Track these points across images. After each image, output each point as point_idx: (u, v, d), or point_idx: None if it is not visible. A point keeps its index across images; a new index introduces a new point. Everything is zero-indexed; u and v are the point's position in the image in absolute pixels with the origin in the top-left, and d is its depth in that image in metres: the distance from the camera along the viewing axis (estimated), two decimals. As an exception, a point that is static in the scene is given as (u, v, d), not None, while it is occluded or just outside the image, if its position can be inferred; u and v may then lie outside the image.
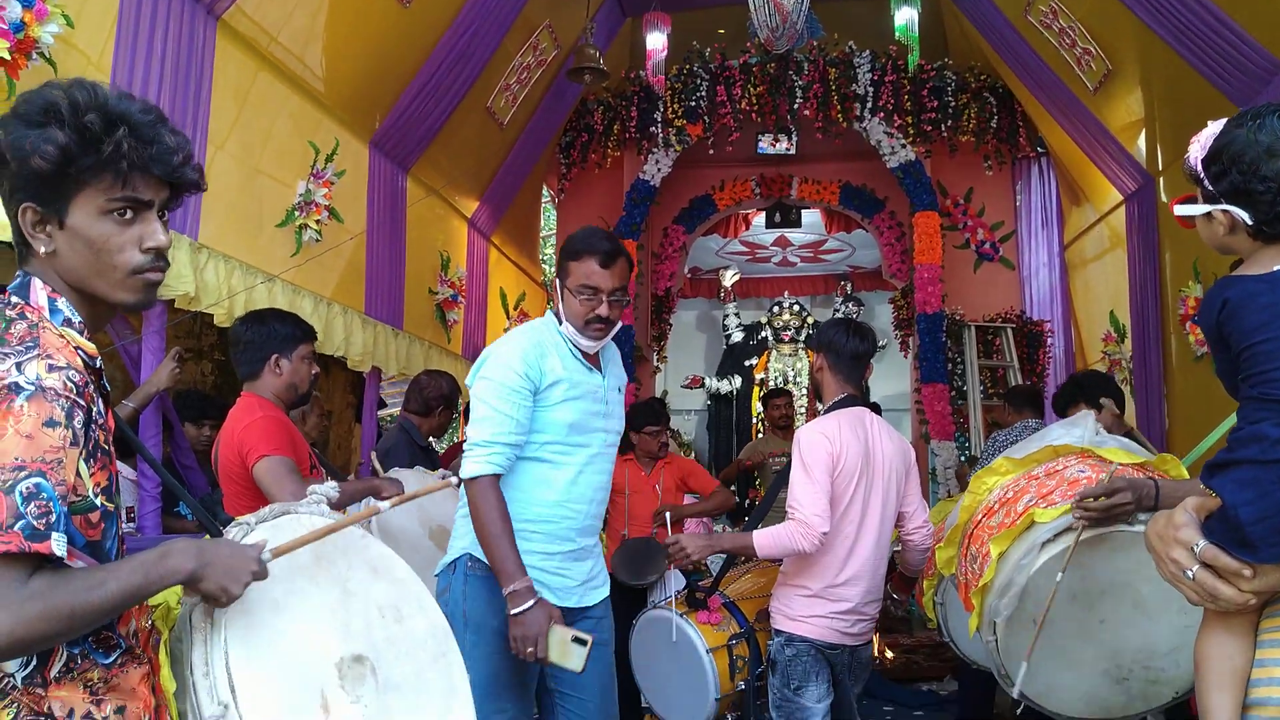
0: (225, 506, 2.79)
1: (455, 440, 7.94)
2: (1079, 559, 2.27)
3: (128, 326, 4.03)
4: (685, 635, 3.08)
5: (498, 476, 2.41)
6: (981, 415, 7.52)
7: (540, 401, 2.47)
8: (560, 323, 2.57)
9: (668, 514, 3.66)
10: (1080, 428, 2.59)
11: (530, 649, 2.27)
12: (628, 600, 4.66)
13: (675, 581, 3.90)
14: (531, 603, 2.29)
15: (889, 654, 6.09)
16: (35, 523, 1.18)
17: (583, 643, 2.28)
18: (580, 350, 2.56)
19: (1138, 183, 5.86)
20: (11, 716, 1.26)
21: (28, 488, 1.19)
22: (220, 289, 4.04)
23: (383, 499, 2.92)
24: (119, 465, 1.47)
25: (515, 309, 8.28)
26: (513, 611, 2.29)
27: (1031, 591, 2.31)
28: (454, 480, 2.18)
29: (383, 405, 7.15)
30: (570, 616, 2.48)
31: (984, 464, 3.37)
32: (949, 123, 7.55)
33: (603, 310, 2.49)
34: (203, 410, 4.39)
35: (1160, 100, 5.36)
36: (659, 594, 4.50)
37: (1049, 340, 7.79)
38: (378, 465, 3.68)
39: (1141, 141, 5.72)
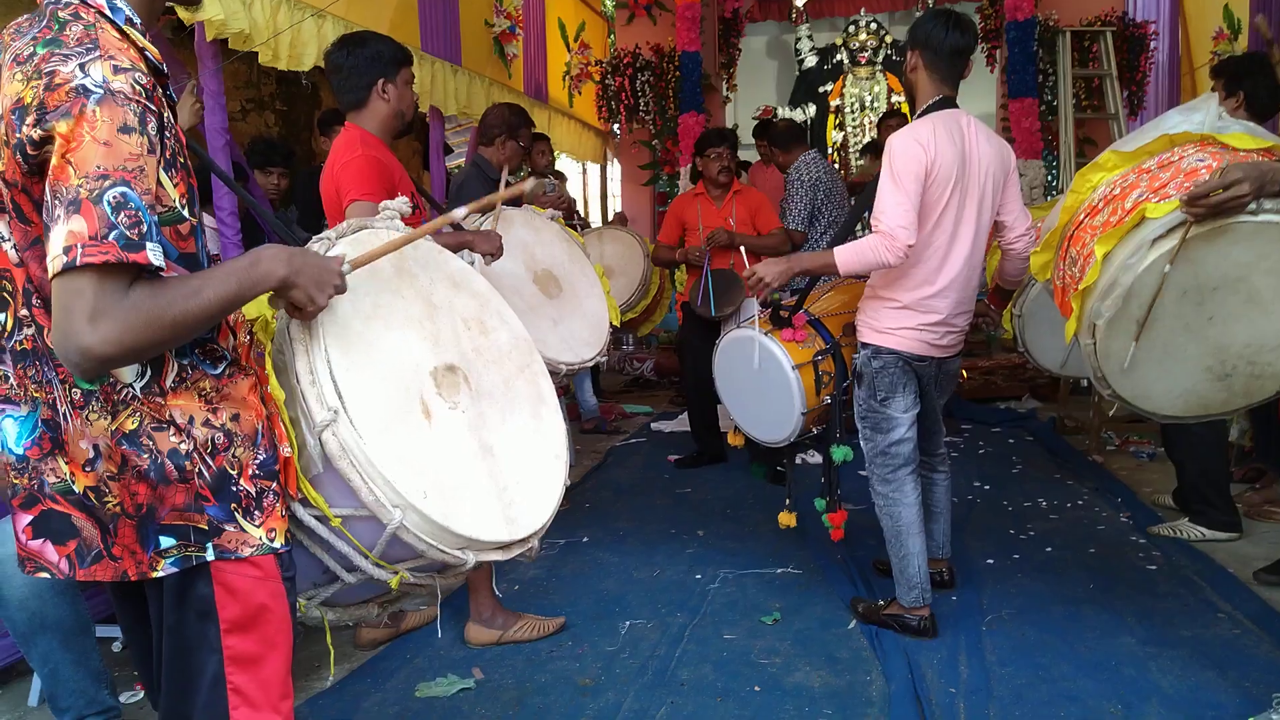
0: None
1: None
2: (1192, 252, 2.14)
3: (183, 71, 3.92)
4: (770, 353, 3.07)
5: None
6: (1073, 130, 7.10)
7: None
8: None
9: (743, 247, 3.54)
10: (1200, 112, 2.35)
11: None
12: (707, 327, 4.69)
13: (751, 310, 3.86)
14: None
15: (965, 375, 6.11)
16: (128, 232, 1.15)
17: None
18: None
19: None
20: (136, 424, 1.30)
21: (114, 197, 1.15)
22: (269, 26, 3.86)
23: (481, 253, 2.88)
24: (201, 215, 1.43)
25: (575, 41, 7.89)
26: None
27: (1137, 292, 2.19)
28: (527, 185, 1.89)
29: (449, 151, 7.02)
30: None
31: None
32: None
33: None
34: (268, 157, 4.34)
35: None
36: (734, 324, 4.49)
37: (1152, 44, 7.22)
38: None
39: None
